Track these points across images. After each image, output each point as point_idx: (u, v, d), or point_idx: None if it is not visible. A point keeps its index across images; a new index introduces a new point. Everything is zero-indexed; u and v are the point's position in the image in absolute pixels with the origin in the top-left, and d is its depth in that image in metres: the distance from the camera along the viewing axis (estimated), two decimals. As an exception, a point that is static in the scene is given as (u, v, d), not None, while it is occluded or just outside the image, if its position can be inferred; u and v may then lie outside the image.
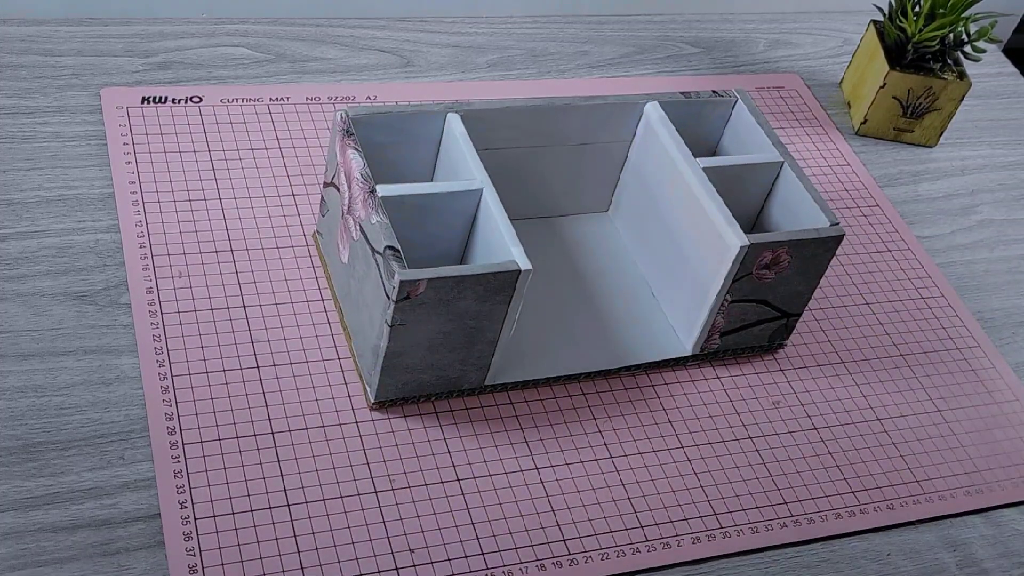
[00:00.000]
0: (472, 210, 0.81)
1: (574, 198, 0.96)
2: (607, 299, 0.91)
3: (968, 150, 1.19)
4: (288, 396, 0.79)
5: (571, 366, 0.85)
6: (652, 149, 0.90)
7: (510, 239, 0.77)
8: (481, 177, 0.81)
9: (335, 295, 0.85)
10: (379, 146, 0.84)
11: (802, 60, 1.25)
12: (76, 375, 0.78)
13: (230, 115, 0.99)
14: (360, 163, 0.78)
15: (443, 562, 0.73)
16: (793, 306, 0.87)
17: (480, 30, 1.17)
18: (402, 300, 0.72)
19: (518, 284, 0.75)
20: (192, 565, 0.69)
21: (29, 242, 0.85)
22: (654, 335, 0.89)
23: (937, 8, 1.10)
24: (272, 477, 0.75)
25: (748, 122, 0.92)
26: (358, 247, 0.78)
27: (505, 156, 0.89)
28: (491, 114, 0.86)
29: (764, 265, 0.82)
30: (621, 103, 0.90)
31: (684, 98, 0.91)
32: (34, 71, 0.99)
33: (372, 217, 0.75)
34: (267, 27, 1.10)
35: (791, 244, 0.82)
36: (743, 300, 0.85)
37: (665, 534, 0.78)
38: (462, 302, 0.74)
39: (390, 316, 0.73)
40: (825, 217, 0.84)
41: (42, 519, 0.70)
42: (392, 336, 0.74)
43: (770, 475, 0.83)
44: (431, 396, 0.81)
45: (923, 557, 0.81)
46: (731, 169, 0.88)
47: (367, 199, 0.76)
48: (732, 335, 0.87)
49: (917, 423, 0.89)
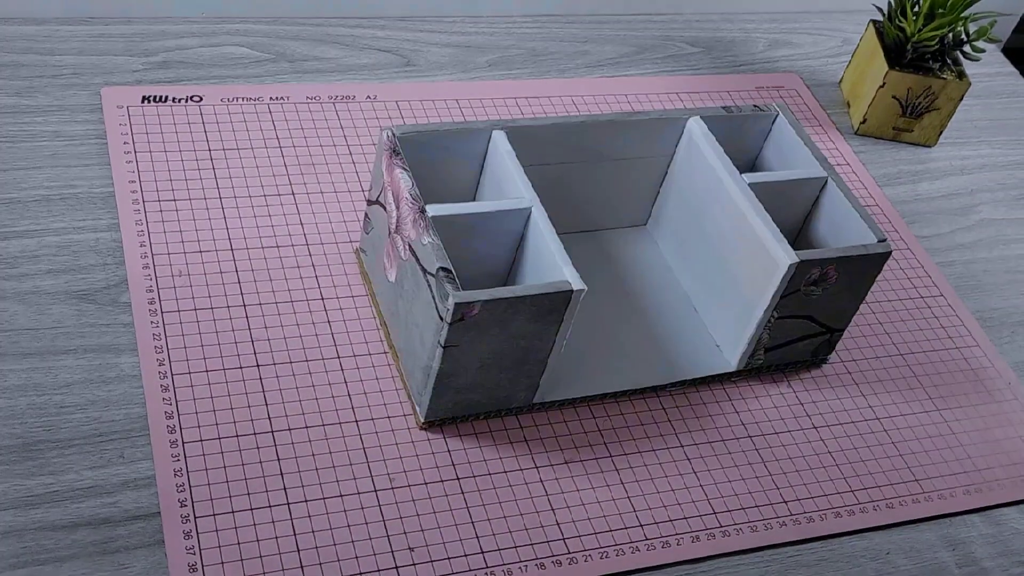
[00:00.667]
0: (520, 228, 0.81)
1: (613, 212, 0.95)
2: (651, 315, 0.90)
3: (967, 150, 1.19)
4: (288, 395, 0.79)
5: (616, 384, 0.84)
6: (696, 164, 0.89)
7: (561, 258, 0.76)
8: (530, 195, 0.80)
9: (380, 313, 0.85)
10: (423, 164, 0.83)
11: (802, 60, 1.25)
12: (76, 374, 0.78)
13: (230, 114, 0.99)
14: (409, 183, 0.78)
15: (443, 561, 0.73)
16: (838, 321, 0.87)
17: (480, 30, 1.17)
18: (456, 322, 0.72)
19: (571, 304, 0.74)
20: (192, 564, 0.69)
21: (29, 241, 0.85)
22: (698, 351, 0.88)
23: (936, 8, 1.10)
24: (272, 476, 0.75)
25: (790, 136, 0.91)
26: (407, 267, 0.77)
27: (546, 172, 0.88)
28: (536, 131, 0.86)
29: (812, 282, 0.82)
30: (663, 119, 0.89)
31: (726, 113, 0.91)
32: (35, 70, 0.99)
33: (423, 238, 0.75)
34: (267, 27, 1.10)
35: (839, 261, 0.81)
36: (789, 316, 0.84)
37: (665, 533, 0.78)
38: (515, 323, 0.74)
39: (443, 338, 0.73)
40: (872, 234, 0.83)
41: (42, 518, 0.70)
42: (445, 357, 0.74)
43: (770, 474, 0.83)
44: (480, 415, 0.80)
45: (923, 556, 0.81)
46: (776, 184, 0.87)
47: (417, 219, 0.76)
48: (777, 351, 0.87)
49: (916, 422, 0.89)
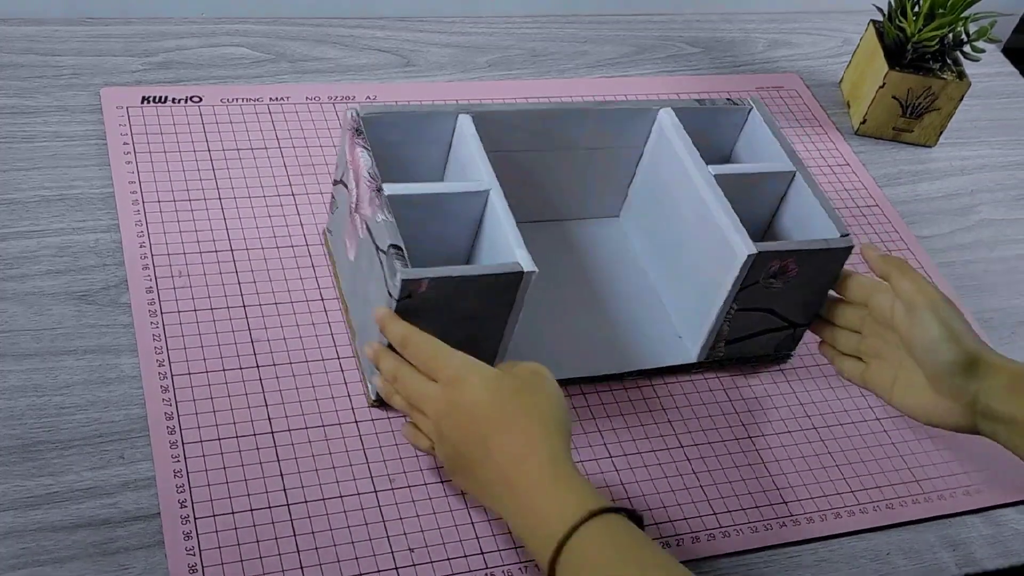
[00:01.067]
0: (479, 211, 0.81)
1: (586, 202, 0.96)
2: (615, 304, 0.90)
3: (967, 150, 1.19)
4: (288, 396, 0.79)
5: (576, 370, 0.85)
6: (664, 155, 0.89)
7: (515, 241, 0.76)
8: (489, 178, 0.81)
9: (341, 292, 0.85)
10: (390, 145, 0.84)
11: (802, 60, 1.25)
12: (76, 374, 0.78)
13: (230, 115, 0.99)
14: (368, 161, 0.78)
15: (443, 561, 0.73)
16: (800, 316, 0.87)
17: (480, 30, 1.17)
18: (404, 299, 0.72)
19: (521, 286, 0.75)
20: (192, 564, 0.69)
21: (29, 242, 0.85)
22: (660, 341, 0.88)
23: (936, 8, 1.10)
24: (272, 477, 0.75)
25: (762, 130, 0.91)
26: (364, 245, 0.78)
27: (517, 159, 0.89)
28: (503, 116, 0.86)
29: (772, 274, 0.82)
30: (634, 109, 0.90)
31: (698, 105, 0.91)
32: (34, 71, 0.99)
33: (378, 215, 0.75)
34: (267, 27, 1.10)
35: (799, 254, 0.81)
36: (750, 309, 0.84)
37: (665, 534, 0.78)
38: (465, 302, 0.74)
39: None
40: (835, 227, 0.83)
41: (42, 518, 0.70)
42: None
43: (770, 475, 0.83)
44: None
45: (922, 557, 0.81)
46: (743, 177, 0.87)
47: (374, 197, 0.76)
48: (738, 343, 0.87)
49: (916, 423, 0.89)
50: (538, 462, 0.67)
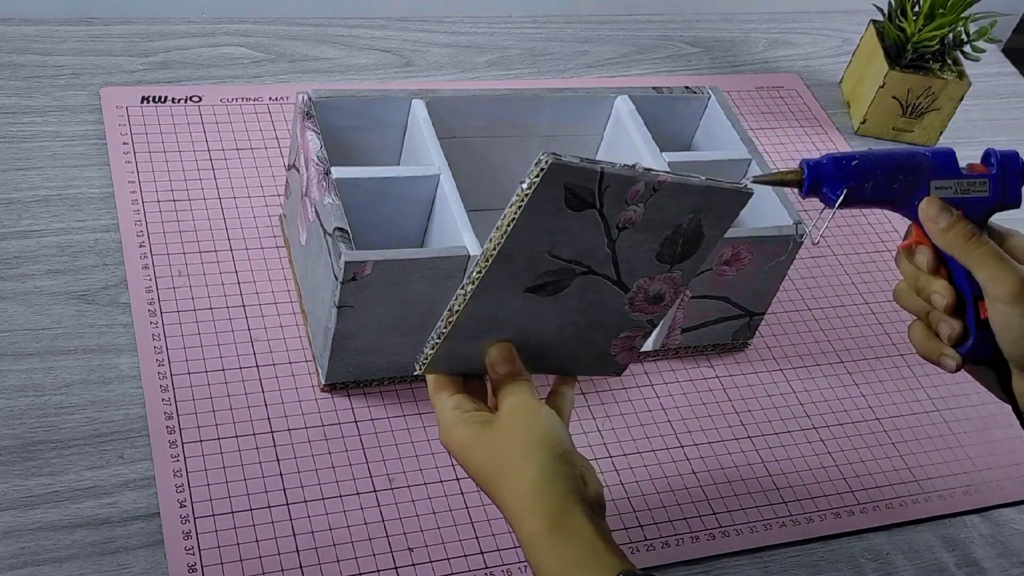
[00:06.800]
0: (431, 196, 0.81)
1: None
2: None
3: (968, 150, 1.18)
4: (288, 395, 0.79)
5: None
6: (621, 142, 0.90)
7: (463, 225, 0.77)
8: (440, 163, 0.81)
9: (296, 277, 0.85)
10: (343, 130, 0.84)
11: (802, 60, 1.25)
12: (75, 374, 0.78)
13: (230, 115, 0.99)
14: (317, 145, 0.78)
15: (442, 561, 0.73)
16: (756, 305, 0.87)
17: (480, 30, 1.17)
18: (349, 281, 0.72)
19: (468, 269, 0.75)
20: (191, 564, 0.69)
21: (28, 241, 0.85)
22: None
23: (937, 8, 1.10)
24: (271, 476, 0.75)
25: (720, 119, 0.92)
26: (314, 229, 0.78)
27: (473, 145, 0.89)
28: (457, 102, 0.86)
29: (724, 261, 0.82)
30: (590, 96, 0.90)
31: (656, 93, 0.92)
32: (34, 71, 0.99)
33: (325, 198, 0.75)
34: (267, 27, 1.10)
35: (750, 241, 0.82)
36: (704, 296, 0.84)
37: (665, 533, 0.78)
38: (411, 286, 0.74)
39: (338, 297, 0.73)
40: (788, 215, 0.84)
41: (41, 518, 0.70)
42: (340, 318, 0.74)
43: (770, 475, 0.83)
44: (383, 380, 0.81)
45: (922, 556, 0.81)
46: (698, 165, 0.87)
47: (321, 180, 0.77)
48: (694, 331, 0.87)
49: (916, 422, 0.89)
50: (530, 530, 0.60)
